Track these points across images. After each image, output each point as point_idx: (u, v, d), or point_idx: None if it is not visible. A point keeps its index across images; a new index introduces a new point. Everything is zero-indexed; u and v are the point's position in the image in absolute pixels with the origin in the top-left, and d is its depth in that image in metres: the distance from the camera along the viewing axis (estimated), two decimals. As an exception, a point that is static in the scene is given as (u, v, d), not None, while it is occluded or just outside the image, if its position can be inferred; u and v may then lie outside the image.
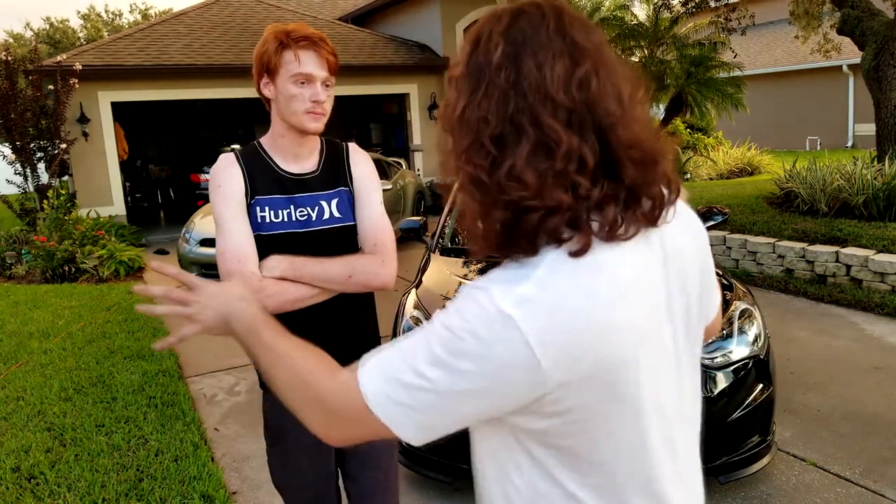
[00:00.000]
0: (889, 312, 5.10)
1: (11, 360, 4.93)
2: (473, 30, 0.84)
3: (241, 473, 3.27)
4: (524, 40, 0.78)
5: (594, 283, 0.77)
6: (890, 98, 7.52)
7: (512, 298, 0.75)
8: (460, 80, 0.82)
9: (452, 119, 0.81)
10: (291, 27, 1.58)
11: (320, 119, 1.59)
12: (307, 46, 1.55)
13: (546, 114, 0.75)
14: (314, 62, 1.55)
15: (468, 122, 0.79)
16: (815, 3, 9.97)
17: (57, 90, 9.22)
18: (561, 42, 0.77)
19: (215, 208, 1.58)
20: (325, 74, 1.57)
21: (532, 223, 0.77)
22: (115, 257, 7.91)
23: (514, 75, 0.77)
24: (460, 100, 0.80)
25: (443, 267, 3.70)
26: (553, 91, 0.75)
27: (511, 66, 0.77)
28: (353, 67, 11.87)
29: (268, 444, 1.74)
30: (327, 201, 1.64)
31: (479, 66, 0.79)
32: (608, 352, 0.77)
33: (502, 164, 0.77)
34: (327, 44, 1.59)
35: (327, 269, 1.54)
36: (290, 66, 1.54)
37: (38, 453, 3.40)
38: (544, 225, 0.77)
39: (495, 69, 0.78)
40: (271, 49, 1.55)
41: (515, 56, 0.77)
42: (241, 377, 4.53)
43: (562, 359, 0.75)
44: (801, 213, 6.92)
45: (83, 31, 37.52)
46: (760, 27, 17.85)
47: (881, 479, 2.94)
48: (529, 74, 0.76)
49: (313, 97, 1.55)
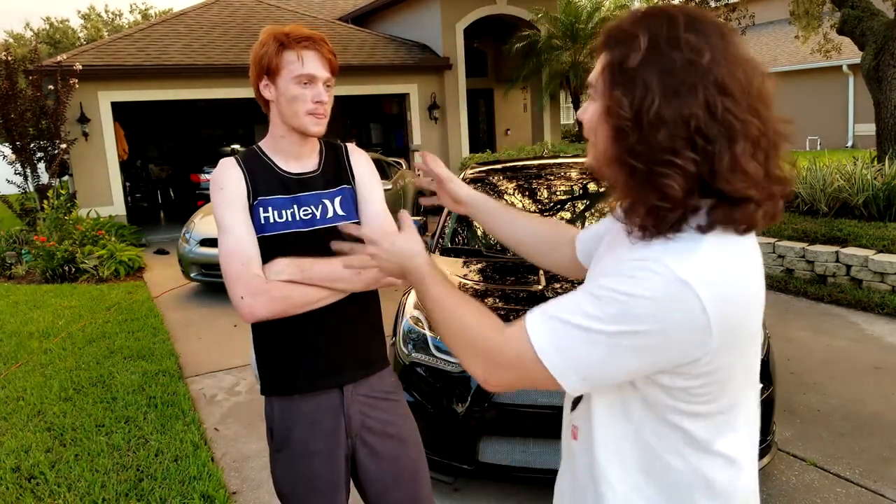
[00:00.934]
0: (889, 312, 5.10)
1: (11, 360, 4.93)
2: (637, 24, 0.88)
3: (242, 473, 3.27)
4: (717, 46, 0.86)
5: (746, 262, 0.91)
6: (890, 98, 7.52)
7: (687, 268, 0.85)
8: (645, 73, 0.86)
9: (646, 113, 0.86)
10: (289, 28, 1.57)
11: (322, 121, 1.58)
12: (309, 47, 1.54)
13: (748, 114, 0.86)
14: (317, 63, 1.55)
15: (663, 117, 0.85)
16: (816, 3, 9.96)
17: (57, 90, 9.22)
18: (741, 51, 0.89)
19: (217, 211, 1.56)
20: (327, 75, 1.57)
21: (748, 212, 0.88)
22: (115, 257, 7.91)
23: (720, 78, 0.85)
24: (651, 95, 0.85)
25: (443, 267, 3.71)
26: (749, 94, 0.86)
27: (716, 68, 0.85)
28: (353, 67, 11.88)
29: (272, 451, 1.68)
30: (330, 200, 1.63)
31: (676, 65, 0.85)
32: (750, 323, 0.92)
33: (719, 159, 0.85)
34: (328, 44, 1.58)
35: (335, 268, 1.52)
36: (293, 66, 1.53)
37: (38, 453, 3.40)
38: (757, 213, 0.88)
39: (705, 71, 0.85)
40: (272, 50, 1.53)
41: (717, 61, 0.85)
42: (241, 377, 4.53)
43: (724, 325, 0.86)
44: (801, 213, 6.92)
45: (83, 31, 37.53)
46: (760, 27, 17.87)
47: (881, 479, 2.94)
48: (733, 79, 0.85)
49: (316, 97, 1.55)
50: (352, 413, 1.64)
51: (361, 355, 1.68)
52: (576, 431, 1.05)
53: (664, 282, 0.85)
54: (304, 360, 1.62)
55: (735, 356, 0.91)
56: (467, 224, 4.25)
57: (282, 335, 1.61)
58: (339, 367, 1.64)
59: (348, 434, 1.65)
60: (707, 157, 0.85)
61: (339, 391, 1.64)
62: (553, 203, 4.28)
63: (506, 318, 3.15)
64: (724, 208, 0.88)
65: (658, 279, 0.85)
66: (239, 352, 4.96)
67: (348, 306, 1.59)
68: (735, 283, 0.88)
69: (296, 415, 1.62)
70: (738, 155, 0.85)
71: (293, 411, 1.62)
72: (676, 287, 0.84)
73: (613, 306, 0.86)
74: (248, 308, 1.48)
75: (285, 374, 1.63)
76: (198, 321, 5.98)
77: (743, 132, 0.85)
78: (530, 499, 2.90)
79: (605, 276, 0.90)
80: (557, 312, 0.91)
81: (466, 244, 4.10)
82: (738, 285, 0.88)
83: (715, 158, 0.85)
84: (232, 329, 5.53)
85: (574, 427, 1.06)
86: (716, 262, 0.87)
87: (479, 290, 3.40)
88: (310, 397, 1.63)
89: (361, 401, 1.66)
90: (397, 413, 1.72)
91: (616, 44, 0.90)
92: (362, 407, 1.66)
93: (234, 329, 5.50)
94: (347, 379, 1.65)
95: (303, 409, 1.62)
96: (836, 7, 8.54)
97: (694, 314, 0.84)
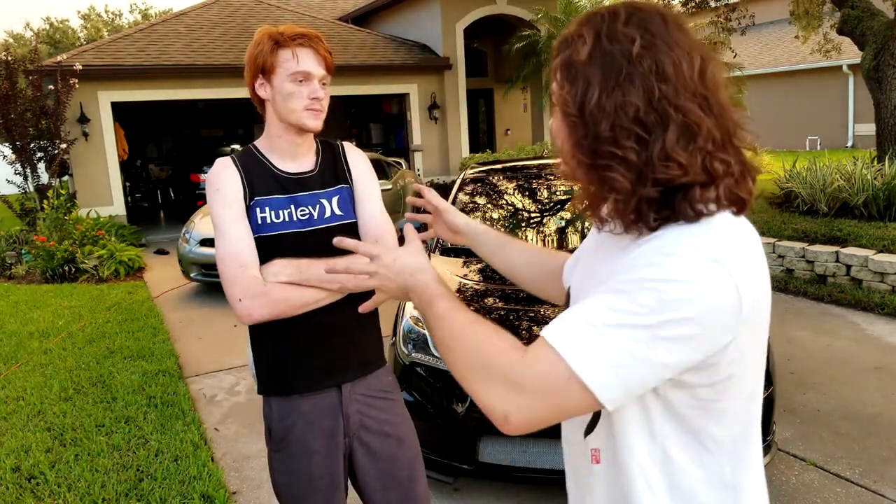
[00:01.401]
0: (889, 312, 5.10)
1: (11, 360, 4.93)
2: (583, 25, 0.90)
3: (242, 473, 3.27)
4: (656, 34, 0.86)
5: (757, 244, 0.89)
6: (890, 98, 7.52)
7: (713, 247, 0.82)
8: (587, 69, 0.87)
9: (588, 106, 0.86)
10: (283, 28, 1.57)
11: (319, 116, 1.58)
12: (304, 44, 1.54)
13: (687, 100, 0.84)
14: (312, 60, 1.55)
15: (604, 108, 0.85)
16: (816, 3, 9.97)
17: (57, 90, 9.22)
18: (685, 38, 0.87)
19: (214, 212, 1.56)
20: (322, 72, 1.57)
21: (693, 196, 0.86)
22: (114, 257, 7.91)
23: (655, 66, 0.84)
24: (592, 88, 0.86)
25: (443, 267, 3.70)
26: (691, 81, 0.85)
27: (650, 56, 0.85)
28: (353, 67, 11.88)
29: (270, 451, 1.68)
30: (328, 199, 1.63)
31: (614, 57, 0.85)
32: (766, 308, 0.90)
33: (652, 147, 0.84)
34: (323, 42, 1.58)
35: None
36: (288, 64, 1.53)
37: (38, 453, 3.40)
38: (702, 195, 0.86)
39: (636, 60, 0.84)
40: (266, 49, 1.54)
41: (654, 48, 0.85)
42: (241, 377, 4.53)
43: (749, 306, 0.84)
44: (801, 213, 6.91)
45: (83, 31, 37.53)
46: (760, 27, 17.86)
47: (881, 479, 2.94)
48: (669, 65, 0.85)
49: (312, 94, 1.55)
50: (350, 412, 1.65)
51: (359, 354, 1.68)
52: (597, 455, 0.97)
53: (695, 263, 0.81)
54: (303, 360, 1.62)
55: (752, 347, 0.89)
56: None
57: (279, 335, 1.61)
58: (337, 366, 1.64)
59: (346, 433, 1.65)
60: (644, 146, 0.85)
61: (338, 390, 1.64)
62: (553, 203, 4.28)
63: (506, 318, 3.14)
64: (675, 195, 0.86)
65: (688, 261, 0.81)
66: (239, 352, 4.96)
67: (345, 306, 1.59)
68: (755, 263, 0.87)
69: (295, 414, 1.62)
70: (669, 142, 0.84)
71: (292, 411, 1.62)
72: (709, 267, 0.81)
73: (648, 296, 0.80)
74: (246, 310, 1.48)
75: (284, 374, 1.63)
76: (198, 321, 5.98)
77: (678, 119, 0.84)
78: (531, 499, 2.90)
79: (621, 272, 0.85)
80: (583, 317, 0.83)
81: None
82: (757, 265, 0.87)
83: (650, 146, 0.84)
84: (232, 329, 5.53)
85: (594, 451, 0.98)
86: (734, 241, 0.85)
87: (479, 290, 3.40)
88: (308, 397, 1.62)
89: (359, 400, 1.66)
90: (395, 412, 1.72)
91: (565, 45, 0.91)
92: (360, 406, 1.66)
93: (234, 329, 5.50)
94: (346, 378, 1.65)
95: (302, 408, 1.62)
96: (836, 7, 8.54)
97: (729, 294, 0.81)
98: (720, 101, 0.87)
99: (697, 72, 0.86)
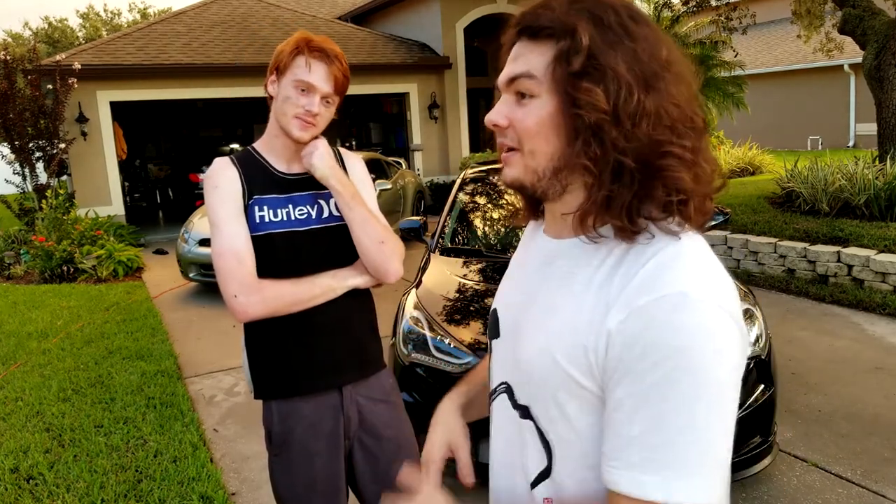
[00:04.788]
0: (890, 312, 5.09)
1: (10, 360, 4.92)
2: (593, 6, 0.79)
3: (241, 474, 3.26)
4: (663, 37, 0.80)
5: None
6: (891, 98, 7.51)
7: (720, 293, 0.72)
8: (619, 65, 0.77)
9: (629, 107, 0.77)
10: (317, 38, 1.58)
11: (308, 129, 1.57)
12: (320, 58, 1.55)
13: (696, 107, 0.80)
14: (321, 75, 1.55)
15: (648, 108, 0.77)
16: (817, 3, 9.95)
17: (56, 90, 9.20)
18: (671, 40, 0.82)
19: (211, 209, 1.56)
20: (328, 90, 1.56)
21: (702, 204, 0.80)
22: (113, 257, 7.90)
23: (674, 73, 0.79)
24: (625, 86, 0.76)
25: (443, 267, 3.69)
26: (692, 85, 0.81)
27: (675, 58, 0.80)
28: (353, 67, 11.49)
29: (271, 454, 1.67)
30: (326, 200, 1.63)
31: (638, 53, 0.78)
32: None
33: (702, 149, 0.79)
34: (342, 62, 1.58)
35: (326, 281, 1.56)
36: (297, 70, 1.54)
37: (36, 454, 3.39)
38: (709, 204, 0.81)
39: (665, 64, 0.78)
40: (287, 50, 1.55)
41: (671, 51, 0.80)
42: (240, 377, 4.51)
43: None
44: (803, 212, 6.90)
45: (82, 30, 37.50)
46: (762, 26, 17.85)
47: (882, 480, 2.93)
48: (684, 71, 0.80)
49: (307, 105, 1.54)
50: (350, 414, 1.64)
51: (359, 355, 1.68)
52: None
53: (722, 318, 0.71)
54: (302, 362, 1.61)
55: None
56: (467, 224, 4.24)
57: (277, 336, 1.60)
58: (338, 367, 1.64)
59: (346, 435, 1.64)
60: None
61: (339, 392, 1.63)
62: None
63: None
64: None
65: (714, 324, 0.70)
66: (238, 352, 4.92)
67: (343, 305, 1.59)
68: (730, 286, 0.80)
69: (296, 417, 1.61)
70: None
71: (294, 413, 1.61)
72: (725, 322, 0.71)
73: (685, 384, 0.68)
74: (241, 307, 1.48)
75: (284, 377, 1.62)
76: (197, 321, 5.96)
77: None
78: (531, 500, 2.88)
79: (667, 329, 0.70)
80: (686, 450, 0.69)
81: (466, 244, 4.08)
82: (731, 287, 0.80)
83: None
84: (231, 329, 5.52)
85: (547, 501, 0.87)
86: (710, 265, 0.76)
87: (479, 290, 3.38)
88: (310, 398, 1.62)
89: (360, 402, 1.66)
90: (395, 415, 1.72)
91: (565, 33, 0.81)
92: (361, 408, 1.66)
93: (234, 329, 5.49)
94: (346, 379, 1.64)
95: (303, 410, 1.61)
96: (837, 6, 8.52)
97: (741, 346, 0.73)
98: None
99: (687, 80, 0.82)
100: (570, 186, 0.82)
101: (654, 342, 0.70)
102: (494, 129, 0.86)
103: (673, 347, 0.69)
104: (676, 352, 0.69)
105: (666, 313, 0.70)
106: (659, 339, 0.70)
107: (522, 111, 0.82)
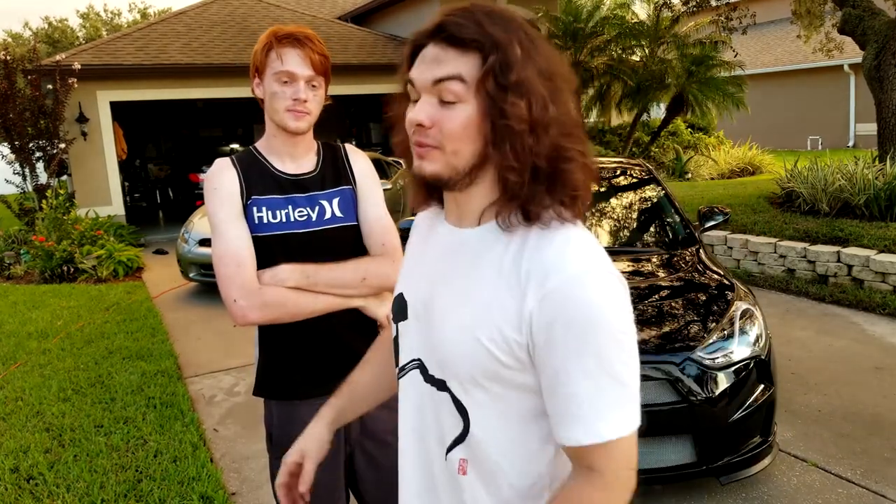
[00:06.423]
0: (890, 312, 5.09)
1: (10, 360, 4.92)
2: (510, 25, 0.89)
3: (241, 474, 3.26)
4: (555, 51, 0.92)
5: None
6: (891, 98, 7.51)
7: (606, 264, 0.88)
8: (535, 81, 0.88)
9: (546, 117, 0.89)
10: (285, 27, 1.56)
11: (302, 118, 1.56)
12: (290, 45, 1.53)
13: (579, 112, 0.95)
14: (296, 61, 1.53)
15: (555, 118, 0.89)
16: (817, 3, 9.96)
17: (56, 90, 9.20)
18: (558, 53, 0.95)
19: (211, 211, 1.55)
20: (308, 73, 1.54)
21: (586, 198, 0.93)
22: (113, 257, 7.90)
23: (568, 84, 0.92)
24: (541, 100, 0.88)
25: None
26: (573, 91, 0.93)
27: (567, 73, 0.92)
28: (353, 67, 11.85)
29: (271, 456, 1.66)
30: (328, 201, 1.61)
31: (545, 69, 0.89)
32: None
33: (587, 150, 0.93)
34: (314, 42, 1.55)
35: (340, 274, 1.52)
36: (274, 64, 1.53)
37: (36, 454, 3.39)
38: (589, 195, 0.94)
39: (563, 77, 0.91)
40: (259, 49, 1.55)
41: (562, 63, 0.92)
42: (240, 377, 4.51)
43: None
44: (803, 212, 6.91)
45: (82, 30, 37.49)
46: (762, 26, 17.84)
47: (882, 480, 2.93)
48: (571, 80, 0.92)
49: (294, 95, 1.53)
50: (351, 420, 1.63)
51: (359, 361, 1.66)
52: (464, 465, 0.95)
53: (619, 291, 0.88)
54: (306, 365, 1.60)
55: None
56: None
57: (287, 339, 1.59)
58: (340, 372, 1.63)
59: (347, 441, 1.63)
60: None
61: None
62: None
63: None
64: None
65: (613, 292, 0.87)
66: (238, 352, 4.95)
67: (348, 312, 1.57)
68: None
69: (296, 420, 1.60)
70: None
71: (293, 416, 1.61)
72: (622, 287, 0.88)
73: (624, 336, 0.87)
74: (240, 311, 1.47)
75: (286, 379, 1.61)
76: (197, 321, 5.96)
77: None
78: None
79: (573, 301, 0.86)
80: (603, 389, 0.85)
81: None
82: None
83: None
84: (231, 329, 5.52)
85: (462, 461, 0.95)
86: (598, 248, 0.92)
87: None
88: (310, 402, 1.61)
89: None
90: (396, 422, 1.71)
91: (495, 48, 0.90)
92: (362, 414, 1.64)
93: (234, 329, 5.49)
94: None
95: (303, 414, 1.61)
96: (837, 6, 8.52)
97: (628, 293, 0.90)
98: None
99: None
100: (478, 180, 0.92)
101: (573, 317, 0.83)
102: (416, 129, 0.91)
103: (588, 317, 0.83)
104: (592, 320, 0.83)
105: (576, 290, 0.84)
106: (576, 312, 0.83)
107: (448, 114, 0.88)
